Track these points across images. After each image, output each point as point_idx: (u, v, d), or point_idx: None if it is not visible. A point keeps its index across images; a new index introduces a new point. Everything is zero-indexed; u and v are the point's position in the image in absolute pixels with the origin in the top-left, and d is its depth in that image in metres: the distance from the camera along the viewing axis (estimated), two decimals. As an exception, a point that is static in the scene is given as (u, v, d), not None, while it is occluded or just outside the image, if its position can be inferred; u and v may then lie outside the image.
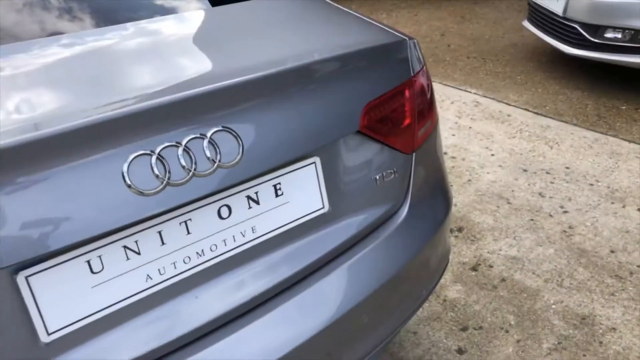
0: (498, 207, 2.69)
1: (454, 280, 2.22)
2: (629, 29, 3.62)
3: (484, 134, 3.44)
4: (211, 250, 1.00)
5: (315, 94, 1.09)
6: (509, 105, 3.85)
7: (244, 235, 1.04)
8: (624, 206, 2.65)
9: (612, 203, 2.68)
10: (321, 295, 1.14)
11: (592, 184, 2.85)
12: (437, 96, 3.96)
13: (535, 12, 4.48)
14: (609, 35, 3.73)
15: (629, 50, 3.67)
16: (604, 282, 2.17)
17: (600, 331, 1.95)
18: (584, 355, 1.85)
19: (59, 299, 0.85)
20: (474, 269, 2.28)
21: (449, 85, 4.26)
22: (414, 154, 1.32)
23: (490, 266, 2.29)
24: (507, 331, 1.96)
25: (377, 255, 1.23)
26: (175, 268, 0.96)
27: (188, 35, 1.20)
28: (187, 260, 0.97)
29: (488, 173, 3.00)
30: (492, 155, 3.19)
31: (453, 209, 2.67)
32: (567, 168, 3.01)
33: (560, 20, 3.99)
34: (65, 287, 0.86)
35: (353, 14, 1.44)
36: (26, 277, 0.82)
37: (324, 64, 1.11)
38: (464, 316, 2.04)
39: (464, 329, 1.98)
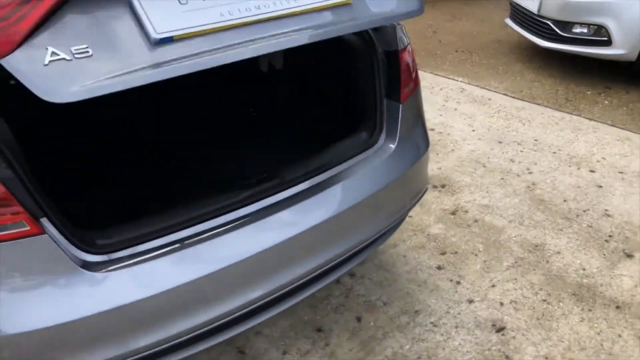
0: (475, 169, 3.25)
1: (436, 221, 2.78)
2: (593, 25, 4.19)
3: (467, 114, 4.00)
4: (258, 8, 1.38)
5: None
6: (490, 91, 4.42)
7: (282, 4, 1.43)
8: (578, 168, 3.21)
9: (570, 166, 3.24)
10: (330, 198, 1.69)
11: (555, 152, 3.41)
12: (428, 84, 4.52)
13: (515, 10, 5.06)
14: (576, 30, 4.31)
15: (594, 43, 4.25)
16: (555, 222, 2.74)
17: (548, 254, 2.51)
18: (534, 269, 2.41)
19: (161, 14, 1.25)
20: (452, 213, 2.84)
21: (439, 75, 4.82)
22: (401, 104, 1.88)
23: (466, 211, 2.85)
24: (476, 255, 2.52)
25: (376, 170, 1.79)
26: (239, 12, 1.36)
27: None
28: (247, 10, 1.37)
29: (468, 144, 3.56)
30: (473, 130, 3.75)
31: (437, 171, 3.24)
32: (536, 140, 3.57)
33: (536, 17, 4.57)
34: (164, 6, 1.26)
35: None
36: None
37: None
38: (443, 245, 2.60)
39: (443, 254, 2.54)
